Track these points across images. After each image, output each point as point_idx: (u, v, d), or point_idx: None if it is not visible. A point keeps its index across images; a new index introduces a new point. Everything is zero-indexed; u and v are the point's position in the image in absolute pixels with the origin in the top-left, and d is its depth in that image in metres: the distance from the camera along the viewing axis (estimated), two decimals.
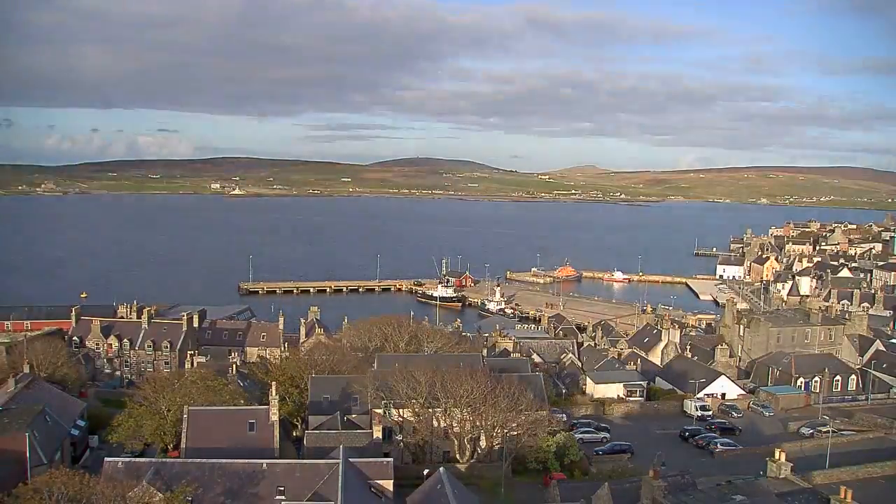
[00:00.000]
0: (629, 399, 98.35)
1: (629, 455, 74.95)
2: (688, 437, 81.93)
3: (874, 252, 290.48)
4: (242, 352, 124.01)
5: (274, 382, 66.00)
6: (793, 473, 51.63)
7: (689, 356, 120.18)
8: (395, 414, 68.76)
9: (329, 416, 68.55)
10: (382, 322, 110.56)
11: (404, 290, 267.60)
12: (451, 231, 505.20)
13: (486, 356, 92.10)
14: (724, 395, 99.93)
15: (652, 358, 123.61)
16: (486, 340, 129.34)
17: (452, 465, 63.85)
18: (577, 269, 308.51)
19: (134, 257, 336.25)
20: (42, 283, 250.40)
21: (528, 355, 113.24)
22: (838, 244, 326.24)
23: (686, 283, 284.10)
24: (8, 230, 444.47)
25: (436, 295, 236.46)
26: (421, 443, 69.34)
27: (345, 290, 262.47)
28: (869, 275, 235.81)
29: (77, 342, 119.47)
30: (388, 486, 52.71)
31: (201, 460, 51.56)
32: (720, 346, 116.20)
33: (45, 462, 56.73)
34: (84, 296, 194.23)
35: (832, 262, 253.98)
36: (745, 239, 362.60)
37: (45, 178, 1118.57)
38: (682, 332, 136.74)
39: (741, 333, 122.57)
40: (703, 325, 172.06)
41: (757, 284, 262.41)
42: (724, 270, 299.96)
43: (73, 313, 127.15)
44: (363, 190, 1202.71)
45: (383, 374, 71.91)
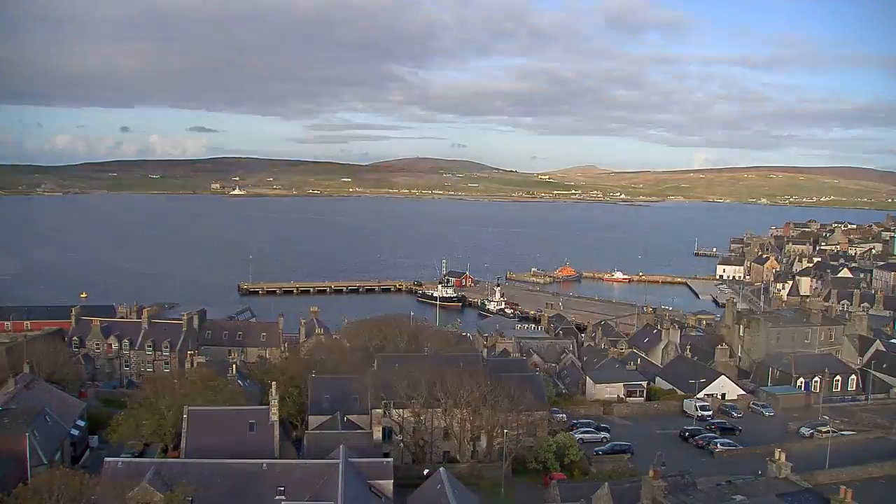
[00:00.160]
0: (629, 399, 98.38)
1: (629, 455, 74.92)
2: (688, 437, 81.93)
3: (874, 252, 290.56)
4: (243, 352, 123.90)
5: (274, 382, 66.03)
6: (793, 473, 51.60)
7: (689, 356, 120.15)
8: (395, 414, 68.80)
9: (329, 416, 68.53)
10: (382, 322, 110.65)
11: (404, 290, 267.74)
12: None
13: (486, 356, 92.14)
14: (724, 395, 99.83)
15: (652, 358, 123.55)
16: (486, 340, 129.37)
17: (452, 465, 63.87)
18: (577, 269, 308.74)
19: (134, 257, 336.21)
20: (42, 283, 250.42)
21: (528, 355, 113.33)
22: (838, 244, 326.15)
23: (686, 284, 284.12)
24: (8, 230, 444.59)
25: (436, 295, 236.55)
26: (421, 443, 69.38)
27: (345, 290, 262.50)
28: (869, 275, 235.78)
29: (77, 342, 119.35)
30: (388, 486, 52.72)
31: (201, 460, 51.58)
32: (720, 346, 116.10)
33: (45, 462, 56.78)
34: (84, 296, 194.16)
35: (832, 262, 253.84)
36: (745, 239, 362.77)
37: (45, 178, 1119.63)
38: (682, 332, 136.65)
39: (741, 333, 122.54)
40: (703, 325, 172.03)
41: (757, 284, 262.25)
42: (724, 271, 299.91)
43: (73, 313, 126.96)
44: (363, 190, 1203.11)
45: (383, 374, 71.97)
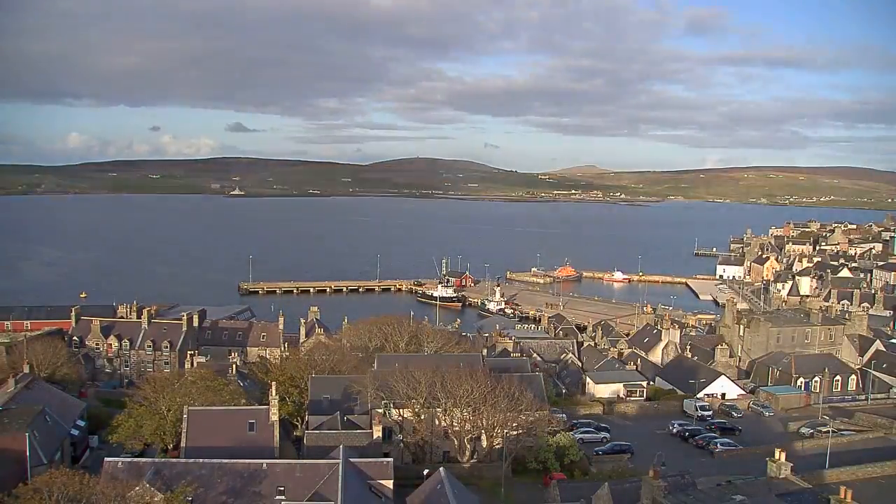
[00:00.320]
0: (629, 399, 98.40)
1: (629, 455, 74.95)
2: (687, 437, 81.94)
3: (874, 252, 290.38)
4: (243, 352, 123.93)
5: (274, 382, 66.04)
6: (793, 473, 51.54)
7: (689, 356, 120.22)
8: (395, 414, 68.79)
9: (329, 416, 68.47)
10: (382, 322, 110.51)
11: (404, 290, 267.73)
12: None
13: (486, 356, 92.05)
14: (724, 395, 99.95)
15: (652, 358, 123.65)
16: (486, 340, 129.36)
17: (452, 465, 63.82)
18: (577, 269, 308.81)
19: (134, 257, 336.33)
20: (42, 283, 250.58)
21: (528, 355, 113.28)
22: (838, 244, 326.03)
23: (686, 283, 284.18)
24: (8, 230, 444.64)
25: (436, 295, 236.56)
26: (421, 443, 69.34)
27: (345, 290, 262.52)
28: (869, 275, 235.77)
29: (77, 342, 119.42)
30: (388, 486, 52.71)
31: (201, 460, 51.53)
32: (720, 346, 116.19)
33: (45, 462, 56.74)
34: (84, 296, 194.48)
35: (832, 262, 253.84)
36: (745, 239, 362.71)
37: (45, 178, 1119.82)
38: (682, 332, 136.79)
39: (741, 333, 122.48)
40: (704, 325, 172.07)
41: (757, 284, 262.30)
42: (724, 270, 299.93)
43: (73, 313, 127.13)
44: (363, 190, 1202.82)
45: (383, 374, 71.88)
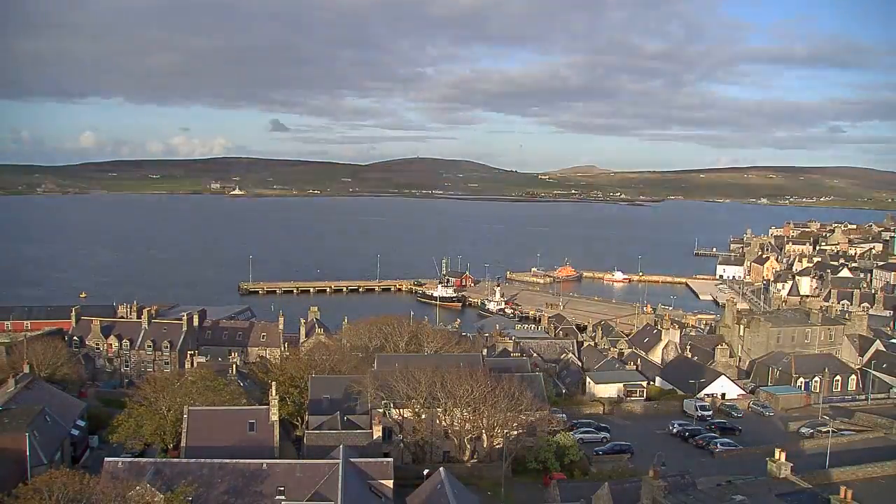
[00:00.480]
0: (629, 399, 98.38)
1: (629, 455, 74.96)
2: (687, 437, 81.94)
3: (874, 252, 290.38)
4: (243, 352, 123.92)
5: (274, 382, 66.07)
6: (793, 473, 51.55)
7: (689, 356, 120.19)
8: (395, 414, 68.80)
9: (329, 416, 68.50)
10: (382, 322, 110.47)
11: (404, 290, 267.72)
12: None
13: (486, 356, 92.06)
14: (724, 395, 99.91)
15: (652, 358, 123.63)
16: (486, 340, 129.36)
17: (452, 465, 63.80)
18: (577, 269, 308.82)
19: (134, 257, 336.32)
20: (42, 283, 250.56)
21: (528, 355, 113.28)
22: (838, 244, 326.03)
23: (686, 283, 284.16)
24: (8, 230, 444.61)
25: (436, 295, 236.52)
26: (421, 443, 69.34)
27: (345, 290, 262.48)
28: (869, 275, 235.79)
29: (77, 342, 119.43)
30: (388, 485, 52.74)
31: (202, 460, 51.57)
32: (720, 346, 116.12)
33: (45, 462, 56.75)
34: (84, 296, 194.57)
35: (832, 262, 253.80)
36: (745, 239, 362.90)
37: (45, 178, 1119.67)
38: (682, 332, 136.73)
39: (741, 333, 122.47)
40: (704, 325, 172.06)
41: (757, 284, 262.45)
42: (724, 270, 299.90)
43: (73, 313, 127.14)
44: (363, 190, 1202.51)
45: (383, 374, 71.89)
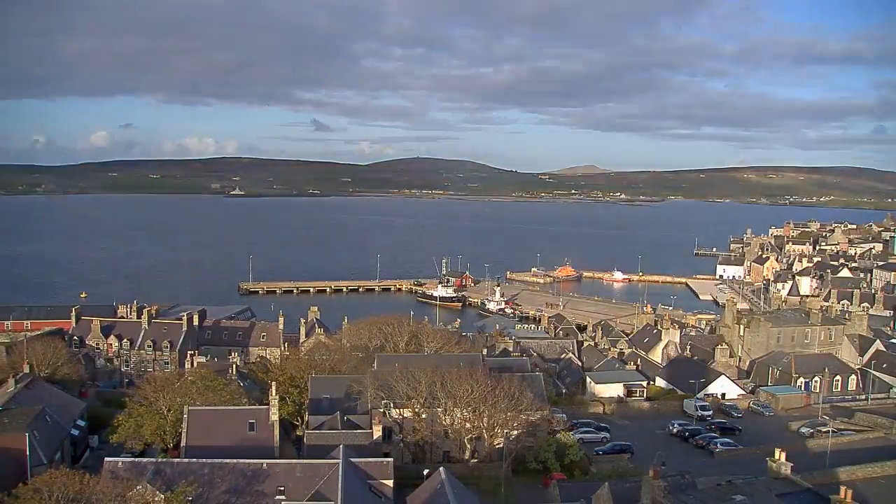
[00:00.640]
0: (629, 399, 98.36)
1: (629, 455, 74.96)
2: (687, 437, 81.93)
3: (874, 252, 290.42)
4: (243, 352, 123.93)
5: (274, 382, 66.04)
6: (793, 473, 51.53)
7: (689, 356, 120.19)
8: (396, 414, 68.81)
9: (329, 416, 68.50)
10: (382, 322, 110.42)
11: (404, 290, 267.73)
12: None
13: (486, 356, 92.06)
14: (724, 395, 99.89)
15: (652, 358, 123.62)
16: (486, 340, 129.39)
17: (452, 465, 63.78)
18: (577, 269, 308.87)
19: (134, 257, 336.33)
20: (42, 283, 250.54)
21: (528, 355, 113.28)
22: (838, 244, 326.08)
23: (686, 283, 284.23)
24: (8, 230, 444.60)
25: (436, 295, 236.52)
26: (421, 443, 69.34)
27: (345, 290, 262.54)
28: (869, 275, 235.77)
29: (77, 342, 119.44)
30: (388, 485, 52.74)
31: (202, 460, 51.55)
32: (720, 346, 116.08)
33: (45, 462, 56.73)
34: (84, 296, 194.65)
35: (832, 262, 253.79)
36: (745, 239, 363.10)
37: (45, 178, 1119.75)
38: (682, 332, 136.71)
39: (741, 333, 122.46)
40: (704, 325, 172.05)
41: (757, 284, 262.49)
42: (724, 270, 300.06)
43: (73, 313, 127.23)
44: (363, 190, 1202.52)
45: (383, 374, 71.87)
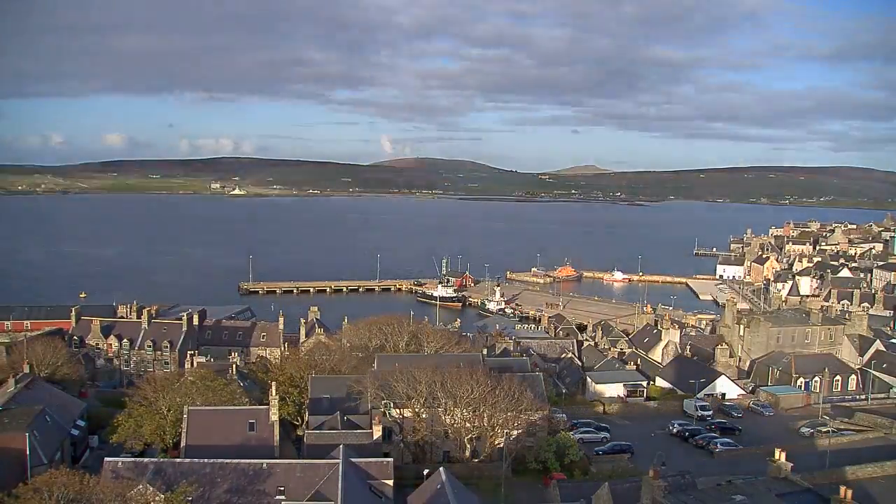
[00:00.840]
0: (629, 399, 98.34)
1: (629, 455, 74.95)
2: (687, 437, 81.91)
3: (874, 252, 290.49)
4: (244, 352, 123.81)
5: (274, 382, 66.05)
6: (793, 473, 51.55)
7: (689, 356, 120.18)
8: (396, 414, 68.81)
9: (329, 416, 68.52)
10: (382, 322, 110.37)
11: (404, 290, 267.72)
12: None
13: (486, 356, 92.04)
14: (724, 395, 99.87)
15: (652, 358, 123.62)
16: (487, 340, 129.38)
17: (452, 465, 63.80)
18: (577, 269, 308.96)
19: (134, 257, 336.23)
20: (42, 283, 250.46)
21: (528, 355, 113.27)
22: (838, 244, 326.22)
23: (686, 283, 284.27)
24: (8, 230, 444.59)
25: (436, 295, 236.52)
26: (421, 443, 69.36)
27: (345, 290, 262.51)
28: (869, 275, 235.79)
29: (77, 342, 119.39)
30: (388, 485, 52.76)
31: (202, 460, 51.56)
32: (720, 346, 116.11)
33: (45, 462, 56.75)
34: (84, 296, 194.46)
35: (832, 262, 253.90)
36: (745, 239, 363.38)
37: (45, 178, 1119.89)
38: (682, 332, 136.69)
39: (741, 333, 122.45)
40: (704, 325, 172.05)
41: (757, 284, 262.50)
42: (724, 270, 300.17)
43: (73, 313, 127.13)
44: (363, 190, 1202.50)
45: (383, 374, 71.88)
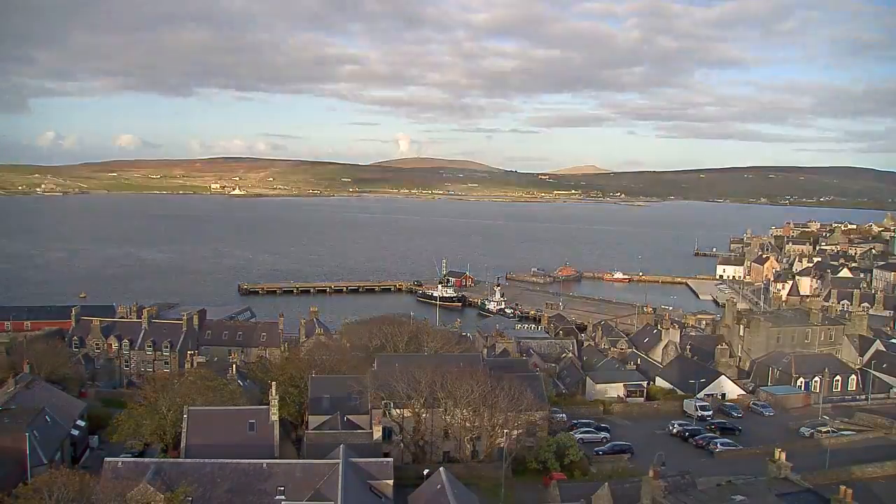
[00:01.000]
0: (629, 399, 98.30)
1: (629, 455, 74.94)
2: (687, 437, 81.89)
3: (874, 252, 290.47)
4: (243, 352, 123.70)
5: (274, 382, 66.02)
6: (793, 473, 51.58)
7: (689, 356, 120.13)
8: (396, 414, 68.81)
9: (329, 416, 68.54)
10: (382, 322, 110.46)
11: (404, 290, 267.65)
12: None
13: (486, 356, 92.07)
14: (724, 395, 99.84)
15: (652, 358, 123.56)
16: (487, 340, 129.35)
17: (452, 465, 63.80)
18: (577, 269, 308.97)
19: (134, 257, 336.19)
20: (42, 283, 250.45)
21: (528, 355, 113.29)
22: (838, 244, 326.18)
23: (686, 283, 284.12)
24: (8, 230, 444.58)
25: (436, 295, 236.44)
26: (421, 443, 69.37)
27: (345, 290, 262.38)
28: (869, 275, 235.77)
29: (77, 342, 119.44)
30: (388, 485, 52.72)
31: (202, 460, 51.56)
32: (720, 346, 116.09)
33: (45, 462, 56.81)
34: (83, 296, 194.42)
35: (832, 262, 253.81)
36: (745, 239, 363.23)
37: (45, 178, 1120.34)
38: (682, 332, 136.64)
39: (741, 333, 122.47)
40: (704, 325, 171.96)
41: (757, 284, 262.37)
42: (724, 270, 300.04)
43: (73, 313, 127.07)
44: (363, 190, 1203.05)
45: (383, 374, 71.89)
